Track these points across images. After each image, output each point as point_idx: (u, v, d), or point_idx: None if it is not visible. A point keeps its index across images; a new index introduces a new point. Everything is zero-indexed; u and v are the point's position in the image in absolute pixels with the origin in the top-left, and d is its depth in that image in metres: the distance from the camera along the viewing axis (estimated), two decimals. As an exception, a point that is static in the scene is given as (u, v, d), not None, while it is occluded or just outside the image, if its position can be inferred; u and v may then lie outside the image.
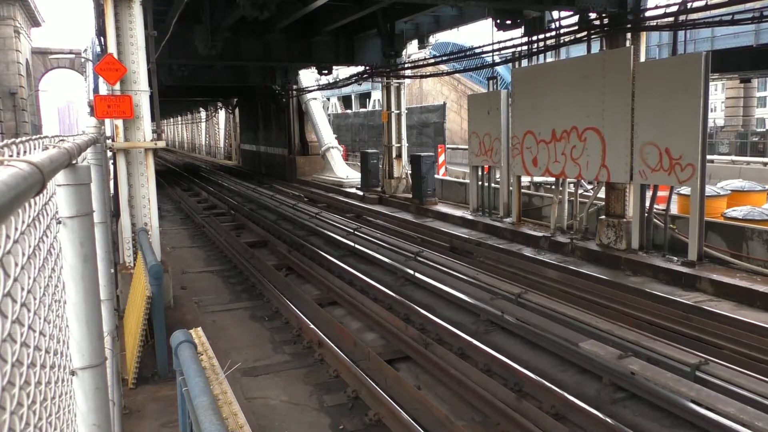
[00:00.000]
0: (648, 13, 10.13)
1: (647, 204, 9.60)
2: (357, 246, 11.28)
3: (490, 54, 12.90)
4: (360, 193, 18.56)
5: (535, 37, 11.62)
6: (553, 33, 11.17)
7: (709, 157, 10.41)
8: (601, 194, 10.77)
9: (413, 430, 4.62)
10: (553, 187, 11.63)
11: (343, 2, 13.93)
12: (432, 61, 16.67)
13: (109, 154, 7.61)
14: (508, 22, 11.92)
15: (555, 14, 11.27)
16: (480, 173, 13.85)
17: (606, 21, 10.34)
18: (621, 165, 9.70)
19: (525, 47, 11.92)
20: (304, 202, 18.70)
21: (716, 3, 8.78)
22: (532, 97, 11.59)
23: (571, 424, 4.81)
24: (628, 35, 10.05)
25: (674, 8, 9.13)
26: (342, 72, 28.38)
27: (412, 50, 20.07)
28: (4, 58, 28.80)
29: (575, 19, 10.91)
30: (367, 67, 17.68)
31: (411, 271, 9.27)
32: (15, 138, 1.48)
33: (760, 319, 6.63)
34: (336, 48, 17.76)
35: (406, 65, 17.10)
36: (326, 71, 20.83)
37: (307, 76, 24.67)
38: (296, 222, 14.61)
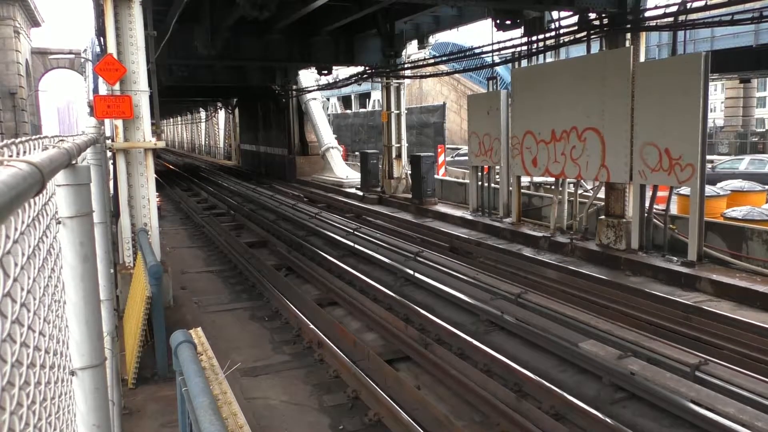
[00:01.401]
0: (648, 14, 10.13)
1: (647, 204, 9.60)
2: (357, 246, 11.28)
3: (490, 54, 12.89)
4: (360, 193, 18.55)
5: (534, 38, 11.62)
6: (553, 33, 11.17)
7: (708, 157, 10.39)
8: (601, 194, 10.77)
9: (413, 430, 4.62)
10: (553, 187, 11.63)
11: (343, 2, 13.93)
12: (432, 61, 16.67)
13: (109, 154, 7.61)
14: (508, 22, 11.92)
15: (555, 14, 11.27)
16: (480, 173, 13.85)
17: (606, 21, 10.34)
18: (621, 165, 9.70)
19: (525, 47, 11.92)
20: (304, 202, 18.71)
21: (716, 3, 8.77)
22: (531, 98, 11.59)
23: (570, 424, 4.81)
24: (628, 35, 10.05)
25: (674, 8, 9.13)
26: (342, 72, 28.38)
27: (412, 50, 20.06)
28: (3, 58, 28.79)
29: (575, 19, 10.91)
30: (367, 68, 17.68)
31: (411, 272, 9.27)
32: (15, 138, 1.48)
33: (760, 319, 6.63)
34: (336, 48, 17.75)
35: (405, 65, 17.10)
36: (326, 71, 20.82)
37: (307, 76, 24.67)
38: (296, 222, 14.61)
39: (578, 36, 10.95)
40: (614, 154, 9.80)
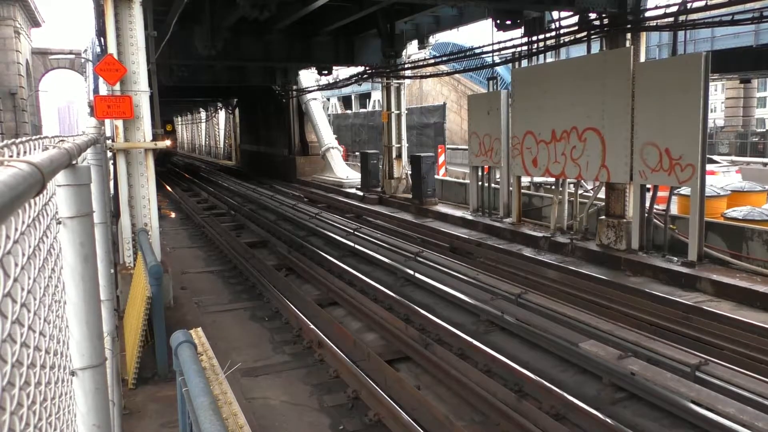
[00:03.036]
0: (648, 14, 10.13)
1: (647, 204, 9.60)
2: (357, 246, 11.28)
3: (490, 54, 12.89)
4: (360, 193, 18.55)
5: (535, 38, 11.61)
6: (553, 33, 11.17)
7: (708, 157, 10.40)
8: (601, 194, 10.77)
9: (413, 431, 4.62)
10: (553, 187, 11.63)
11: (343, 2, 13.93)
12: (432, 61, 16.66)
13: (109, 154, 7.61)
14: (508, 22, 11.92)
15: (555, 14, 11.27)
16: (480, 173, 13.85)
17: (606, 21, 10.34)
18: (621, 165, 9.70)
19: (525, 47, 11.91)
20: (304, 202, 18.70)
21: (716, 3, 8.77)
22: (532, 98, 11.59)
23: (571, 424, 4.81)
24: (628, 35, 10.05)
25: (674, 8, 9.12)
26: (342, 72, 28.38)
27: (412, 50, 20.05)
28: (4, 58, 28.78)
29: (575, 19, 10.91)
30: (367, 68, 17.67)
31: (411, 272, 9.27)
32: (15, 138, 1.48)
33: (760, 320, 6.63)
34: (336, 48, 17.75)
35: (406, 65, 17.09)
36: (326, 71, 20.83)
37: (307, 77, 24.67)
38: (296, 222, 14.61)
39: (578, 36, 10.95)
40: (614, 154, 9.80)
